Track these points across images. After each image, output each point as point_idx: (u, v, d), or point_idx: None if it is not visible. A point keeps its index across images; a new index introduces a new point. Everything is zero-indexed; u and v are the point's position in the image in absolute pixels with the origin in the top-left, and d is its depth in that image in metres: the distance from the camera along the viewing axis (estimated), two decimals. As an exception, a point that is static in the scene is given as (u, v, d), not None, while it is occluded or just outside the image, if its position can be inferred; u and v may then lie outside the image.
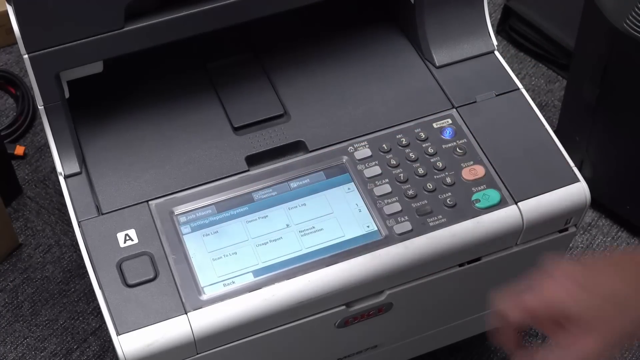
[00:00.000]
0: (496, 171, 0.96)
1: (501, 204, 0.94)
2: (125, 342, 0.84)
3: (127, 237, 0.90)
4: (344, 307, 0.92)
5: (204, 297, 0.87)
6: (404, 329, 1.05)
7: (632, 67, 1.21)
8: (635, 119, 1.27)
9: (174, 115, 1.01)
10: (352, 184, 0.95)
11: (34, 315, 1.32)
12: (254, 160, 0.97)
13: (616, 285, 0.76)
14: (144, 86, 1.04)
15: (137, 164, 0.96)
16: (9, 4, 0.86)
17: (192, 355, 0.87)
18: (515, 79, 1.04)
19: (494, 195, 0.94)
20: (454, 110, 1.01)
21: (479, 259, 0.97)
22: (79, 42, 0.88)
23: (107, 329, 0.86)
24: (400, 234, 0.91)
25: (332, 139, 0.98)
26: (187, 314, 0.86)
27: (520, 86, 1.03)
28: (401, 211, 0.93)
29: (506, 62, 1.05)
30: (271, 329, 0.90)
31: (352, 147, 0.97)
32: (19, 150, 1.48)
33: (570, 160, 0.98)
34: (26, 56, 0.87)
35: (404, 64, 1.06)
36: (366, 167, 0.96)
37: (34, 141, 1.52)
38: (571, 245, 1.36)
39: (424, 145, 0.98)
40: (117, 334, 0.84)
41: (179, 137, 0.99)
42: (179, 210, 0.92)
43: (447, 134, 0.99)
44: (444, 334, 1.10)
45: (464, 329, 1.13)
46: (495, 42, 1.06)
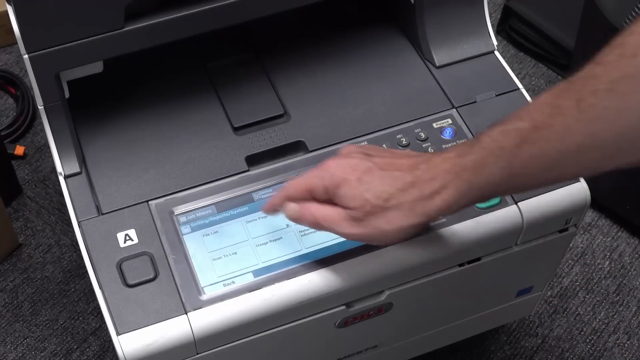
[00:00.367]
0: (496, 171, 0.96)
1: (501, 204, 0.94)
2: (125, 342, 0.84)
3: (127, 237, 0.90)
4: (344, 307, 0.92)
5: (204, 297, 0.87)
6: (404, 329, 1.05)
7: (632, 67, 1.21)
8: (635, 119, 1.27)
9: (174, 115, 1.01)
10: (352, 184, 0.95)
11: (34, 315, 1.32)
12: (254, 160, 0.97)
13: (385, 182, 0.79)
14: (144, 86, 1.04)
15: (137, 164, 0.96)
16: (9, 4, 0.86)
17: (192, 355, 0.87)
18: (515, 79, 1.04)
19: (494, 195, 0.94)
20: (454, 110, 1.01)
21: (479, 259, 0.96)
22: (79, 42, 0.88)
23: (107, 329, 0.86)
24: (400, 234, 0.91)
25: (332, 139, 0.98)
26: (187, 314, 0.86)
27: (520, 86, 1.03)
28: (401, 211, 0.93)
29: (506, 62, 1.05)
30: (271, 329, 0.90)
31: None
32: (19, 150, 1.48)
33: (570, 160, 0.98)
34: (26, 56, 0.87)
35: (404, 64, 1.06)
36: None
37: (34, 141, 1.52)
38: (571, 245, 1.36)
39: (424, 145, 0.98)
40: (117, 334, 0.84)
41: (179, 137, 0.99)
42: (179, 210, 0.92)
43: (447, 134, 0.99)
44: (444, 334, 1.10)
45: (464, 329, 1.13)
46: (495, 42, 1.06)
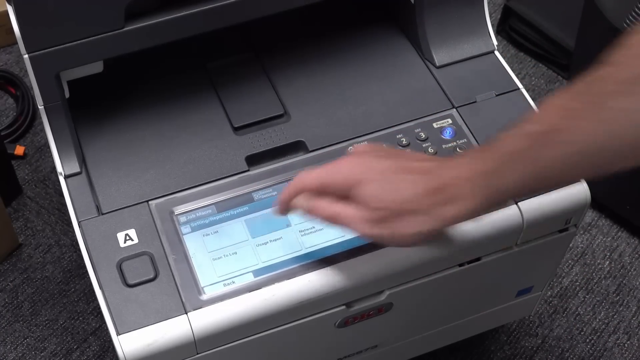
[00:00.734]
0: (496, 171, 0.96)
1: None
2: (125, 342, 0.84)
3: (127, 237, 0.90)
4: (344, 307, 0.92)
5: (204, 297, 0.87)
6: (404, 329, 1.05)
7: (632, 67, 1.21)
8: (635, 119, 1.27)
9: (174, 115, 1.01)
10: (352, 184, 0.95)
11: (34, 315, 1.32)
12: (254, 160, 0.97)
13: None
14: (144, 86, 1.04)
15: (137, 164, 0.96)
16: (9, 4, 0.86)
17: (192, 355, 0.87)
18: (515, 79, 1.03)
19: (494, 195, 0.94)
20: (454, 110, 1.01)
21: (479, 259, 0.96)
22: (79, 42, 0.88)
23: (107, 329, 0.86)
24: (400, 234, 0.91)
25: (332, 139, 0.98)
26: (187, 314, 0.86)
27: (520, 86, 1.03)
28: (401, 211, 0.93)
29: (506, 62, 1.05)
30: (271, 329, 0.90)
31: (352, 147, 0.97)
32: (19, 150, 1.48)
33: (570, 160, 0.98)
34: (26, 56, 0.87)
35: (404, 64, 1.06)
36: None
37: (34, 141, 1.52)
38: (571, 245, 1.36)
39: (424, 145, 0.98)
40: (117, 334, 0.84)
41: (179, 137, 0.99)
42: (179, 210, 0.92)
43: (447, 134, 0.99)
44: (444, 334, 1.10)
45: (464, 329, 1.12)
46: (495, 42, 1.06)
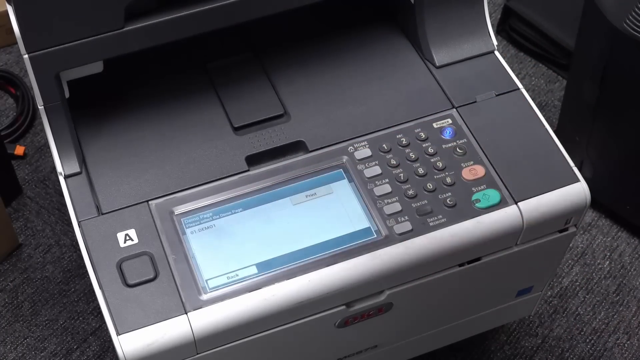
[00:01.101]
0: (496, 171, 0.96)
1: (501, 204, 0.94)
2: (125, 342, 0.84)
3: (127, 237, 0.90)
4: (344, 307, 0.92)
5: (204, 297, 0.87)
6: (404, 329, 1.05)
7: (632, 67, 1.21)
8: (635, 118, 1.27)
9: (174, 115, 1.01)
10: (352, 183, 0.95)
11: (34, 315, 1.32)
12: (254, 160, 0.97)
13: None
14: (144, 86, 1.04)
15: (137, 164, 0.96)
16: (9, 4, 0.86)
17: (192, 355, 0.87)
18: (515, 79, 1.04)
19: (494, 195, 0.94)
20: (454, 110, 1.01)
21: (479, 259, 0.96)
22: (79, 42, 0.88)
23: (107, 329, 0.86)
24: (400, 234, 0.91)
25: (332, 139, 0.98)
26: (187, 314, 0.86)
27: (520, 86, 1.03)
28: (401, 211, 0.93)
29: (506, 62, 1.05)
30: (271, 329, 0.90)
31: (352, 147, 0.97)
32: (19, 150, 1.48)
33: (570, 160, 0.98)
34: (26, 56, 0.87)
35: (404, 64, 1.06)
36: (366, 167, 0.96)
37: (34, 141, 1.52)
38: (571, 245, 1.36)
39: (424, 145, 0.98)
40: (117, 334, 0.84)
41: (179, 137, 0.99)
42: (179, 210, 0.92)
43: (447, 134, 0.99)
44: (444, 334, 1.10)
45: (464, 329, 1.13)
46: (495, 42, 1.06)
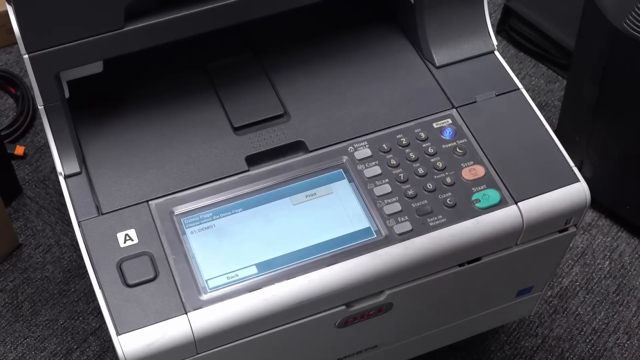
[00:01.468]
0: (496, 171, 0.96)
1: (501, 204, 0.94)
2: (125, 342, 0.84)
3: (127, 237, 0.90)
4: (344, 307, 0.92)
5: (204, 297, 0.87)
6: (404, 329, 1.05)
7: (632, 67, 1.21)
8: (635, 118, 1.27)
9: (174, 115, 1.01)
10: (352, 184, 0.95)
11: (34, 315, 1.32)
12: (254, 160, 0.97)
13: None
14: (144, 86, 1.04)
15: (137, 164, 0.96)
16: (9, 4, 0.86)
17: (192, 355, 0.87)
18: (515, 79, 1.04)
19: (494, 195, 0.94)
20: (454, 110, 1.01)
21: (479, 259, 0.96)
22: (79, 42, 0.88)
23: (107, 329, 0.86)
24: (400, 234, 0.91)
25: (332, 139, 0.98)
26: (187, 314, 0.86)
27: (520, 86, 1.03)
28: (401, 211, 0.93)
29: (506, 62, 1.05)
30: (271, 329, 0.90)
31: (352, 147, 0.97)
32: (19, 150, 1.48)
33: (570, 160, 0.98)
34: (26, 56, 0.87)
35: (404, 64, 1.06)
36: (366, 167, 0.96)
37: (34, 141, 1.52)
38: (571, 245, 1.36)
39: (424, 145, 0.98)
40: (117, 334, 0.84)
41: (179, 137, 0.99)
42: (179, 210, 0.92)
43: (447, 134, 0.99)
44: (444, 334, 1.10)
45: (464, 329, 1.13)
46: (495, 42, 1.06)
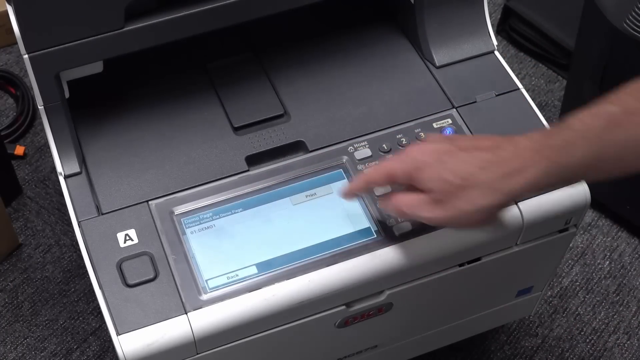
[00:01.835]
0: (496, 171, 0.96)
1: (501, 204, 0.94)
2: (125, 342, 0.84)
3: (127, 237, 0.90)
4: (344, 307, 0.92)
5: (204, 297, 0.87)
6: (404, 329, 1.05)
7: (632, 67, 1.21)
8: (635, 119, 1.27)
9: (174, 115, 1.01)
10: (352, 184, 0.95)
11: (34, 315, 1.32)
12: (254, 160, 0.97)
13: (470, 166, 0.80)
14: (144, 86, 1.04)
15: (137, 164, 0.96)
16: (9, 4, 0.86)
17: (192, 355, 0.87)
18: (515, 79, 1.03)
19: (494, 195, 0.94)
20: (454, 110, 1.01)
21: (479, 259, 0.96)
22: (79, 42, 0.88)
23: (107, 329, 0.86)
24: (400, 234, 0.91)
25: (332, 139, 0.98)
26: (187, 314, 0.86)
27: (520, 86, 1.03)
28: (401, 211, 0.93)
29: (506, 62, 1.05)
30: (271, 329, 0.90)
31: (352, 147, 0.97)
32: (19, 150, 1.48)
33: (570, 160, 0.98)
34: (26, 56, 0.87)
35: (404, 64, 1.06)
36: (366, 167, 0.96)
37: (34, 141, 1.52)
38: (571, 245, 1.36)
39: (424, 145, 0.97)
40: (117, 334, 0.84)
41: (179, 137, 0.99)
42: (179, 210, 0.92)
43: (447, 134, 0.99)
44: (444, 334, 1.10)
45: (464, 329, 1.12)
46: (495, 42, 1.06)
